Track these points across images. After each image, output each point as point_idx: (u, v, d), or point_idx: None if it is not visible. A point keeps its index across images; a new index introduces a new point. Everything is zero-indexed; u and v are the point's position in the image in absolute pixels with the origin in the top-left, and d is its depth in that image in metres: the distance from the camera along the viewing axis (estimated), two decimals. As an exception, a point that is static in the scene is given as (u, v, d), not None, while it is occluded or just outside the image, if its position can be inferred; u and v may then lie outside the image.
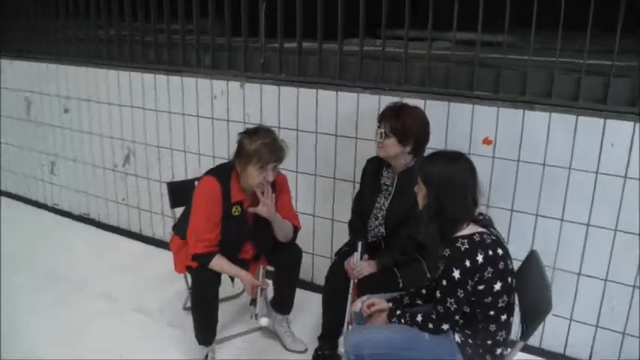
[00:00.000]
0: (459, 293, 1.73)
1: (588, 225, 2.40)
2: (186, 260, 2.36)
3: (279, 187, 2.42)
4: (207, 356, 2.43)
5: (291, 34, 2.93)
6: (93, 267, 3.42)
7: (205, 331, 2.40)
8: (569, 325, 2.55)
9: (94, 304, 3.01)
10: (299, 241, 2.56)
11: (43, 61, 3.98)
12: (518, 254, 2.34)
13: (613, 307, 2.44)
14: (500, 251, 1.77)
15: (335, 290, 2.38)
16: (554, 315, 2.53)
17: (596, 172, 2.33)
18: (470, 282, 1.72)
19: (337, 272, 2.38)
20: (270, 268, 2.57)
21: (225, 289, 2.52)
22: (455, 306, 1.75)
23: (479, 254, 1.71)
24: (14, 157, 4.47)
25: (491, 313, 1.78)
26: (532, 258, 2.02)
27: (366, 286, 2.25)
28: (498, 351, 1.83)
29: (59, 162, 4.12)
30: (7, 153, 4.51)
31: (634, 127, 2.23)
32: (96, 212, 4.02)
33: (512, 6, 2.37)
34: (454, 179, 1.78)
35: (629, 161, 2.26)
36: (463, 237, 1.74)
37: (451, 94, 2.56)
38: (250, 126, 3.12)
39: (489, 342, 1.81)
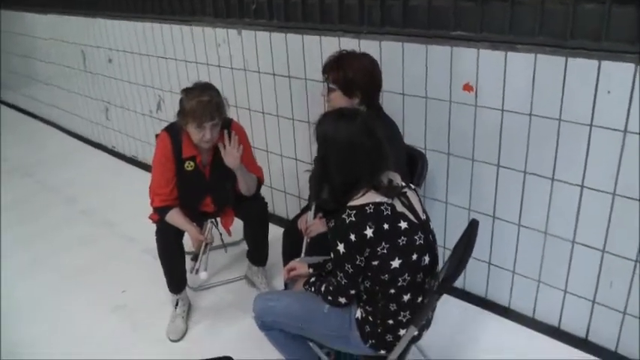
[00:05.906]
0: (346, 267, 1.58)
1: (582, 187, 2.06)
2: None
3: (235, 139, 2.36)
4: (177, 303, 2.54)
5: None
6: (126, 208, 3.68)
7: (171, 279, 2.50)
8: (564, 298, 2.26)
9: (113, 244, 3.31)
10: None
11: (92, 16, 4.19)
12: (505, 215, 2.11)
13: (611, 282, 2.11)
14: (403, 225, 1.57)
15: (292, 247, 2.33)
16: (546, 284, 2.29)
17: (590, 125, 1.96)
18: (358, 257, 1.56)
19: (294, 229, 2.32)
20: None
21: (225, 237, 2.59)
22: (345, 280, 1.62)
23: (368, 228, 1.52)
24: (78, 104, 4.89)
25: (392, 291, 1.60)
26: (471, 229, 1.78)
27: (313, 246, 2.18)
28: (402, 332, 1.65)
29: (111, 108, 4.43)
30: (72, 100, 4.95)
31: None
32: (142, 155, 4.30)
33: None
34: (340, 138, 1.57)
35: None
36: (352, 207, 1.56)
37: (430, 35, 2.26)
38: (250, 73, 3.10)
39: (390, 322, 1.65)
